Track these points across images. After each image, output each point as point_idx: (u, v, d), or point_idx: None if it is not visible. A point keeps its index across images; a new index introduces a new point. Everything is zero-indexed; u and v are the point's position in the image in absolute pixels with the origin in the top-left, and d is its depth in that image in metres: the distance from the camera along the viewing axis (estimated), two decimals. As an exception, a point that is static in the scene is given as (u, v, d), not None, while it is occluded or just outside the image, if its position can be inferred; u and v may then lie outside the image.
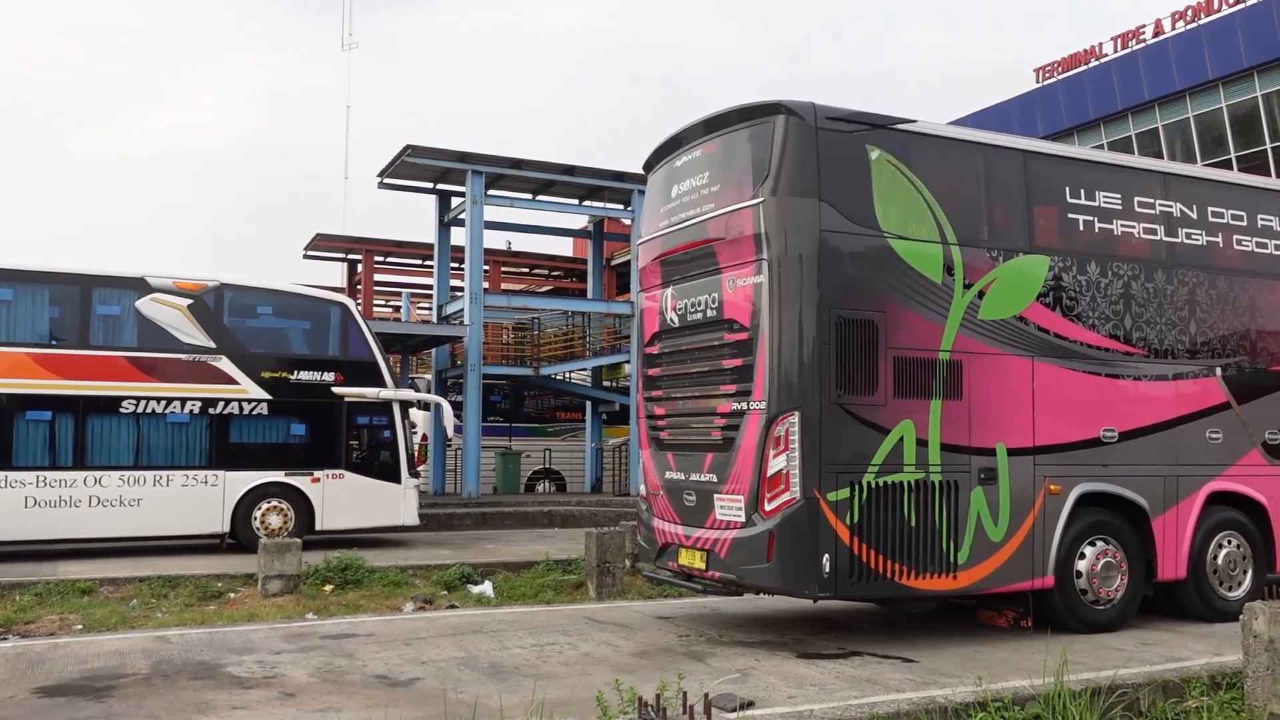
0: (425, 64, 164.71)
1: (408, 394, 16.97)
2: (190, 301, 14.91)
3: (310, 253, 31.70)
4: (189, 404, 14.79)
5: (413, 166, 22.99)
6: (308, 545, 13.48)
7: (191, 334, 14.85)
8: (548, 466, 27.08)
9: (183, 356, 14.79)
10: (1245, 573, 9.36)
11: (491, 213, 24.45)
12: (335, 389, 15.57)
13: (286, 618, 9.98)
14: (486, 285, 27.85)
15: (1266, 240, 9.77)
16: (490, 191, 23.70)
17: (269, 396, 15.18)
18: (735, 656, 7.66)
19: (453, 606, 10.98)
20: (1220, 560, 9.23)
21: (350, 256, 32.87)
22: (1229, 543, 9.29)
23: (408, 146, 22.12)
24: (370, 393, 15.77)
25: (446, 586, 12.29)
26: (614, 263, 32.79)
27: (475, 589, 12.26)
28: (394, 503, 15.93)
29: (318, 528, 15.39)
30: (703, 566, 8.23)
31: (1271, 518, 9.48)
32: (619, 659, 7.62)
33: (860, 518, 7.60)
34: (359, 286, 32.13)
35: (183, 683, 6.89)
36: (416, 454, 17.50)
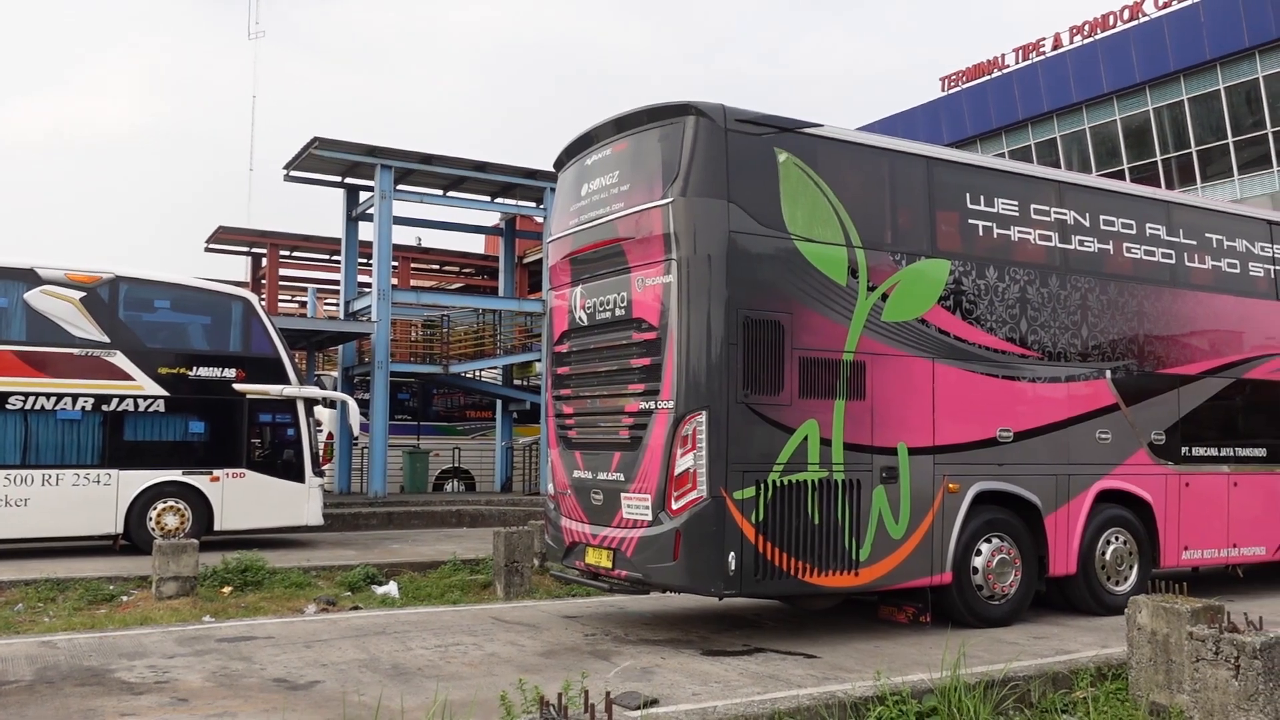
0: (333, 57, 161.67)
1: (312, 391, 16.63)
2: (83, 294, 14.39)
3: (212, 246, 30.87)
4: (81, 400, 14.28)
5: (320, 159, 22.55)
6: (207, 546, 13.15)
7: (84, 328, 14.33)
8: (457, 465, 26.80)
9: (75, 351, 14.26)
10: (1131, 568, 9.73)
11: (401, 208, 24.14)
12: (237, 386, 15.18)
13: (182, 621, 9.69)
14: (395, 282, 27.45)
15: (1154, 248, 10.17)
16: (400, 187, 23.38)
17: (166, 393, 14.73)
18: (641, 654, 7.68)
19: (356, 608, 10.80)
20: (1108, 556, 9.57)
21: (254, 250, 32.10)
22: (1116, 539, 9.64)
23: (315, 139, 21.69)
24: (273, 390, 15.42)
25: (350, 588, 12.08)
26: (526, 260, 32.63)
27: (380, 590, 12.07)
28: (297, 502, 15.59)
29: (217, 528, 14.98)
30: (609, 565, 8.23)
31: (1156, 515, 9.87)
32: (524, 659, 7.58)
33: (765, 516, 7.69)
34: (263, 281, 31.40)
35: (69, 689, 6.64)
36: (321, 453, 17.19)
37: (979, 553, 8.77)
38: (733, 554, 7.54)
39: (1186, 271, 10.40)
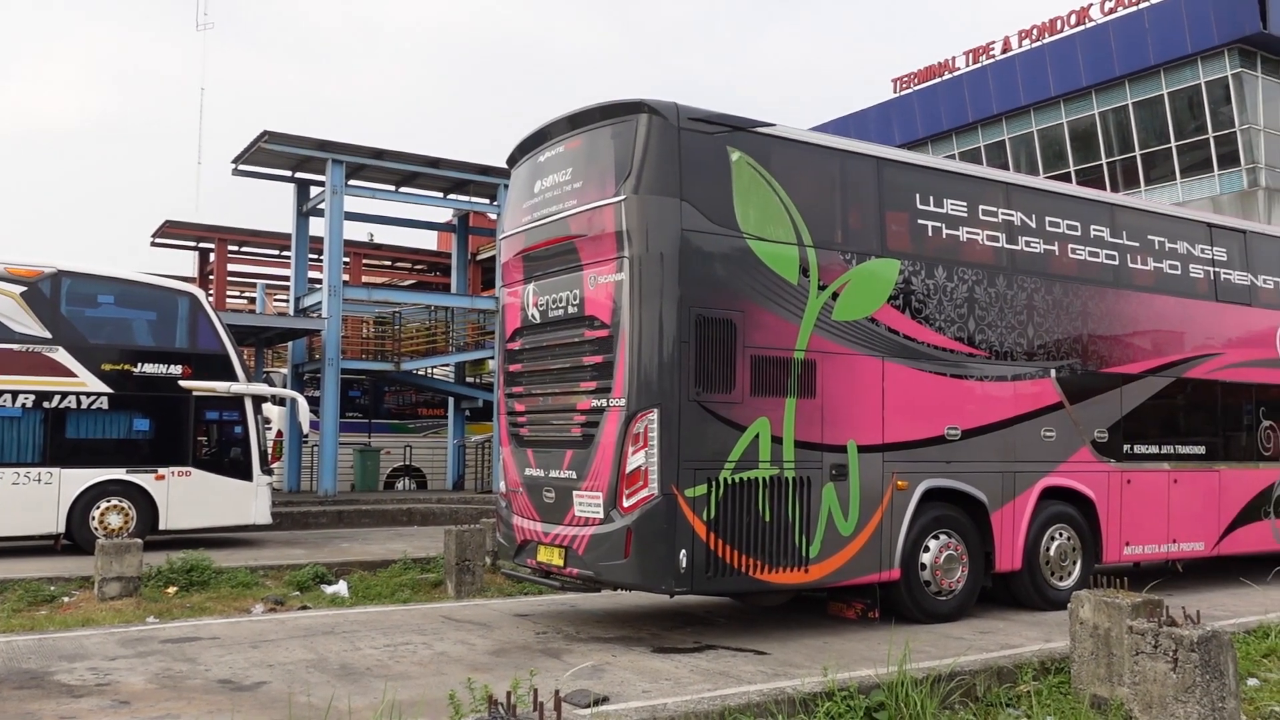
0: (284, 50, 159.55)
1: (261, 388, 16.41)
2: (24, 289, 14.08)
3: (159, 240, 30.33)
4: (21, 397, 13.97)
5: (270, 153, 22.24)
6: (151, 546, 12.93)
7: (25, 323, 14.03)
8: (408, 464, 26.60)
9: (15, 347, 13.95)
10: (1075, 563, 9.91)
11: (352, 204, 23.89)
12: (183, 383, 14.94)
13: (125, 622, 9.52)
14: (347, 278, 27.17)
15: (1098, 250, 10.36)
16: (351, 182, 23.14)
17: (109, 390, 14.46)
18: (592, 652, 7.68)
19: (305, 608, 10.67)
20: (1052, 552, 9.74)
21: (202, 245, 31.59)
22: (1060, 535, 9.81)
23: (265, 133, 21.39)
24: (220, 387, 15.20)
25: (299, 587, 11.93)
26: (479, 257, 32.45)
27: (329, 589, 11.94)
28: (245, 501, 15.38)
29: (162, 527, 14.73)
30: (561, 563, 8.22)
31: (1099, 511, 10.06)
32: (475, 658, 7.55)
33: (716, 514, 7.72)
34: (211, 276, 30.92)
35: (6, 693, 6.49)
36: (270, 450, 16.96)
37: (927, 549, 8.88)
38: (684, 551, 7.57)
39: (1129, 272, 10.60)
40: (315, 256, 25.54)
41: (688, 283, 7.77)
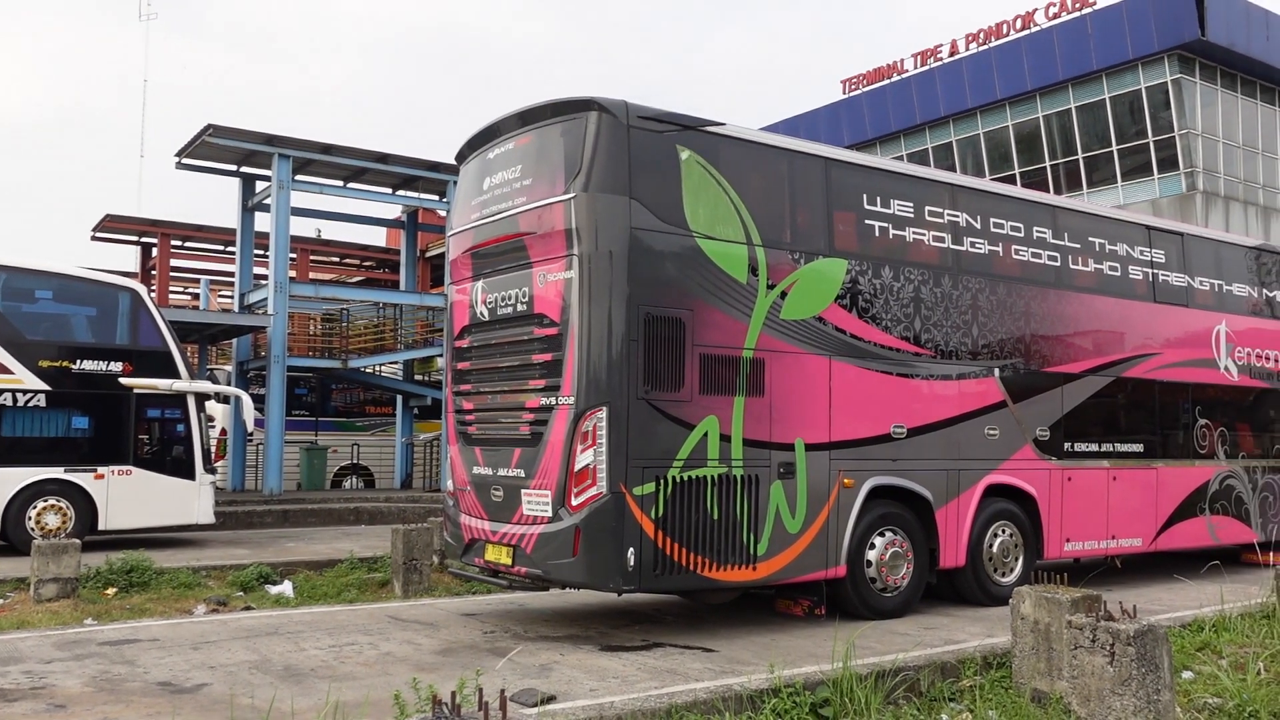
0: (230, 42, 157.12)
1: (204, 386, 16.15)
2: (-43, 283, 13.73)
3: (100, 234, 29.75)
4: (-46, 394, 13.61)
5: (214, 147, 21.90)
6: (91, 546, 12.69)
7: (-42, 319, 13.67)
8: (356, 462, 26.32)
9: (-52, 343, 13.60)
10: (1017, 559, 10.06)
11: (300, 199, 23.58)
12: (123, 380, 14.65)
13: (62, 624, 9.32)
14: (293, 274, 26.83)
15: (1041, 251, 10.53)
16: (298, 177, 22.85)
17: (47, 387, 14.14)
18: (540, 651, 7.66)
19: (248, 608, 10.52)
20: (995, 548, 9.88)
21: (145, 240, 31.04)
22: (1003, 532, 9.96)
23: (209, 126, 21.06)
24: (162, 384, 14.93)
25: (243, 587, 11.76)
26: (429, 254, 32.22)
27: (274, 589, 11.78)
28: (187, 500, 15.13)
29: (102, 527, 14.44)
30: (509, 562, 8.19)
31: (1040, 508, 10.23)
32: (421, 658, 7.49)
33: (665, 512, 7.73)
34: (154, 272, 30.39)
35: (-63, 697, 6.32)
36: (214, 449, 16.70)
37: (873, 546, 8.96)
38: (632, 550, 7.57)
39: (1071, 274, 10.79)
40: (261, 252, 25.16)
41: (637, 281, 7.77)
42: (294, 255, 28.94)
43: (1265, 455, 12.64)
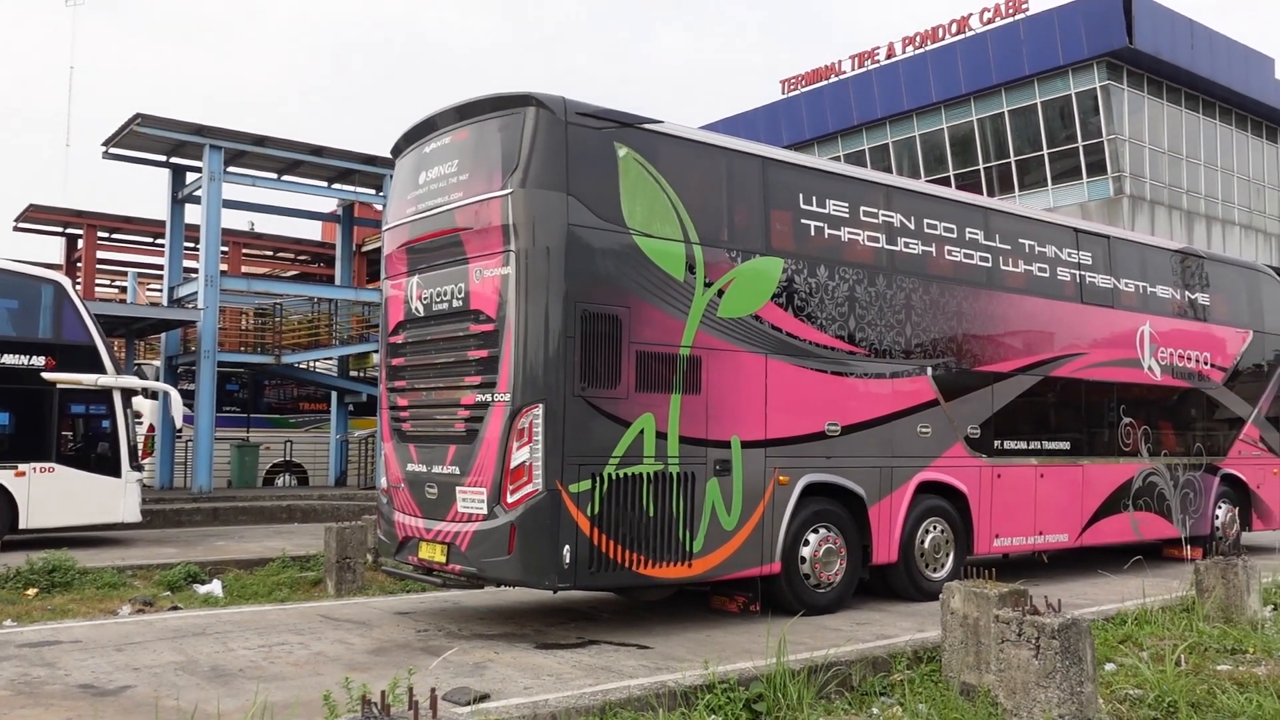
0: (160, 29, 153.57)
1: (130, 381, 15.77)
2: None
3: (22, 225, 28.87)
4: None
5: (143, 137, 21.37)
6: (11, 545, 12.36)
7: None
8: (289, 459, 25.91)
9: None
10: (948, 555, 10.23)
11: (232, 191, 23.15)
12: (46, 375, 14.25)
13: (-21, 626, 9.04)
14: (225, 268, 26.34)
15: (973, 252, 10.71)
16: (231, 169, 22.40)
17: (-35, 382, 13.70)
18: (474, 650, 7.61)
19: (176, 608, 10.30)
20: (927, 544, 10.03)
21: (70, 231, 30.21)
22: (935, 528, 10.12)
23: (137, 115, 20.55)
24: (87, 379, 14.54)
25: (170, 587, 11.51)
26: (365, 249, 31.83)
27: (202, 589, 11.55)
28: (113, 498, 14.76)
29: (23, 526, 14.04)
30: (444, 560, 8.12)
31: (971, 505, 10.41)
32: (353, 657, 7.39)
33: (601, 509, 7.73)
34: (79, 264, 29.58)
35: None
36: (141, 446, 16.33)
37: (807, 543, 9.04)
38: (568, 547, 7.55)
39: (1001, 274, 10.99)
40: (191, 245, 24.64)
41: (574, 278, 7.75)
42: (225, 248, 28.38)
43: (1186, 453, 13.01)
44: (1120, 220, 31.45)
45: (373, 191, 24.67)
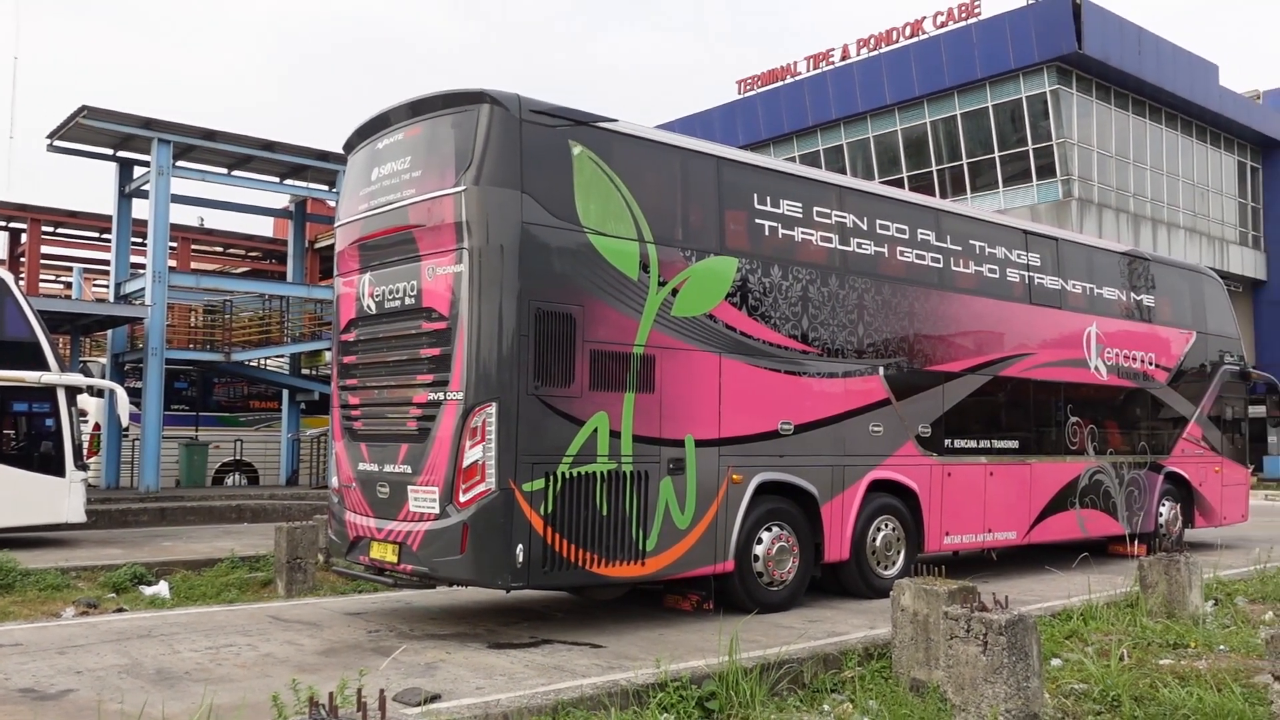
0: (107, 19, 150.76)
1: (75, 378, 15.47)
2: None
3: (-37, 219, 28.26)
4: None
5: (89, 130, 20.97)
6: (-53, 547, 12.03)
7: None
8: (239, 458, 25.55)
9: None
10: (899, 553, 10.32)
11: (181, 186, 22.79)
12: (-13, 372, 13.94)
13: (-85, 629, 8.81)
14: (174, 264, 25.92)
15: (924, 253, 10.82)
16: (180, 163, 22.05)
17: (-98, 379, 13.36)
18: (426, 650, 7.56)
19: (121, 610, 10.12)
20: (878, 542, 10.12)
21: (13, 225, 29.63)
22: (886, 526, 10.21)
23: (84, 107, 20.16)
24: (30, 377, 14.24)
25: (115, 589, 11.31)
26: (318, 245, 31.50)
27: (149, 590, 11.36)
28: (56, 498, 14.46)
29: (-38, 527, 13.72)
30: (395, 560, 8.06)
31: (922, 503, 10.52)
32: (303, 658, 7.31)
33: (554, 508, 7.71)
34: (23, 259, 28.99)
35: None
36: (86, 445, 16.02)
37: (760, 541, 9.09)
38: (521, 546, 7.53)
39: (952, 275, 11.12)
40: (139, 240, 24.22)
41: (527, 276, 7.73)
42: (174, 244, 27.95)
43: (1131, 452, 13.25)
44: (1069, 223, 31.96)
45: (326, 187, 24.41)
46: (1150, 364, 13.62)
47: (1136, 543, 12.82)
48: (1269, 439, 36.57)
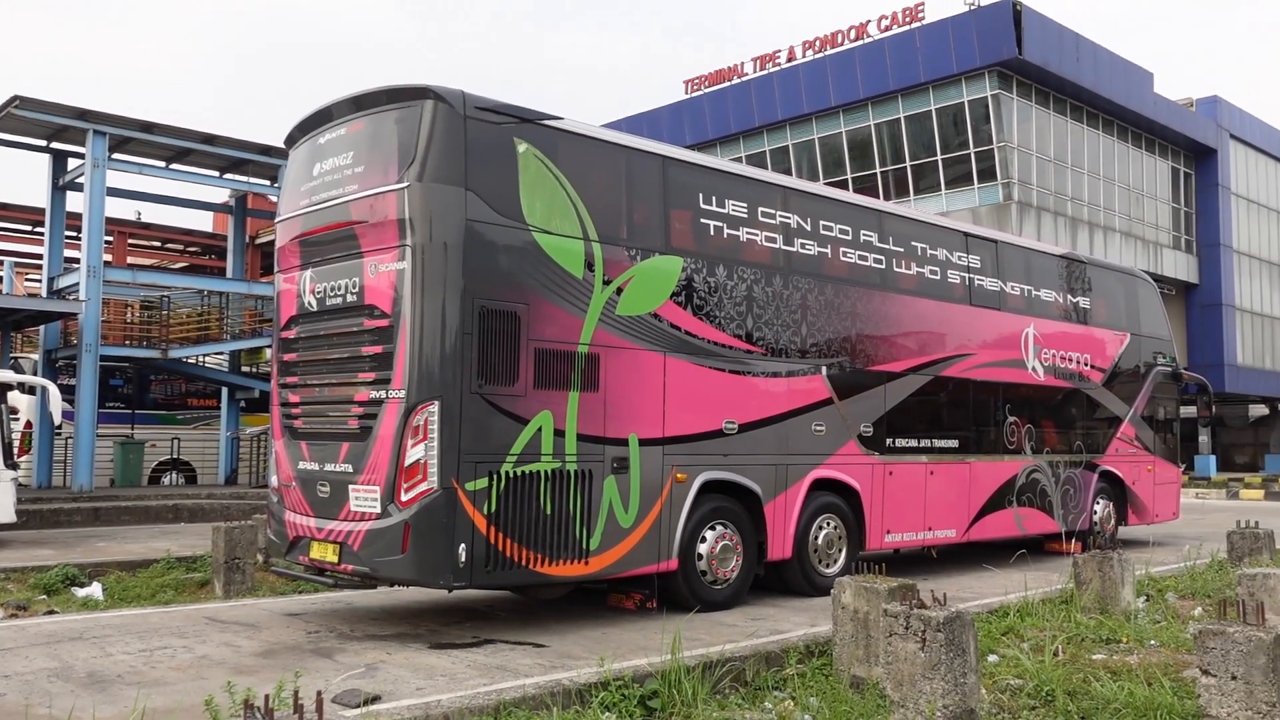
0: (40, 6, 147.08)
1: (5, 375, 15.06)
2: None
3: (-113, 210, 27.40)
4: None
5: (21, 120, 20.43)
6: None
7: None
8: (176, 457, 25.08)
9: None
10: (841, 551, 10.42)
11: (118, 179, 22.29)
12: (-89, 368, 13.53)
13: None
14: (110, 258, 25.38)
15: (867, 254, 10.94)
16: (116, 156, 21.58)
17: None
18: (366, 651, 7.47)
19: (52, 612, 9.87)
20: (820, 540, 10.21)
21: (-60, 217, 28.76)
22: (828, 524, 10.30)
23: (15, 97, 19.64)
24: (-43, 373, 13.84)
25: (46, 590, 11.03)
26: (259, 241, 31.02)
27: (81, 592, 11.09)
28: (-15, 498, 14.07)
29: (-116, 528, 13.30)
30: (335, 560, 7.96)
31: (863, 501, 10.63)
32: (239, 660, 7.19)
33: (497, 507, 7.66)
34: (-49, 252, 28.18)
35: None
36: (17, 443, 15.61)
37: (704, 539, 9.12)
38: (463, 545, 7.47)
39: (895, 276, 11.25)
40: (73, 234, 23.66)
41: (471, 274, 7.67)
42: (110, 238, 27.38)
43: (1067, 451, 13.51)
44: (1009, 225, 32.51)
45: (267, 182, 24.04)
46: (1086, 365, 13.90)
47: (1072, 540, 13.08)
48: (1199, 438, 37.50)
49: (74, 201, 22.75)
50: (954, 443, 11.86)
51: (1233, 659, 5.32)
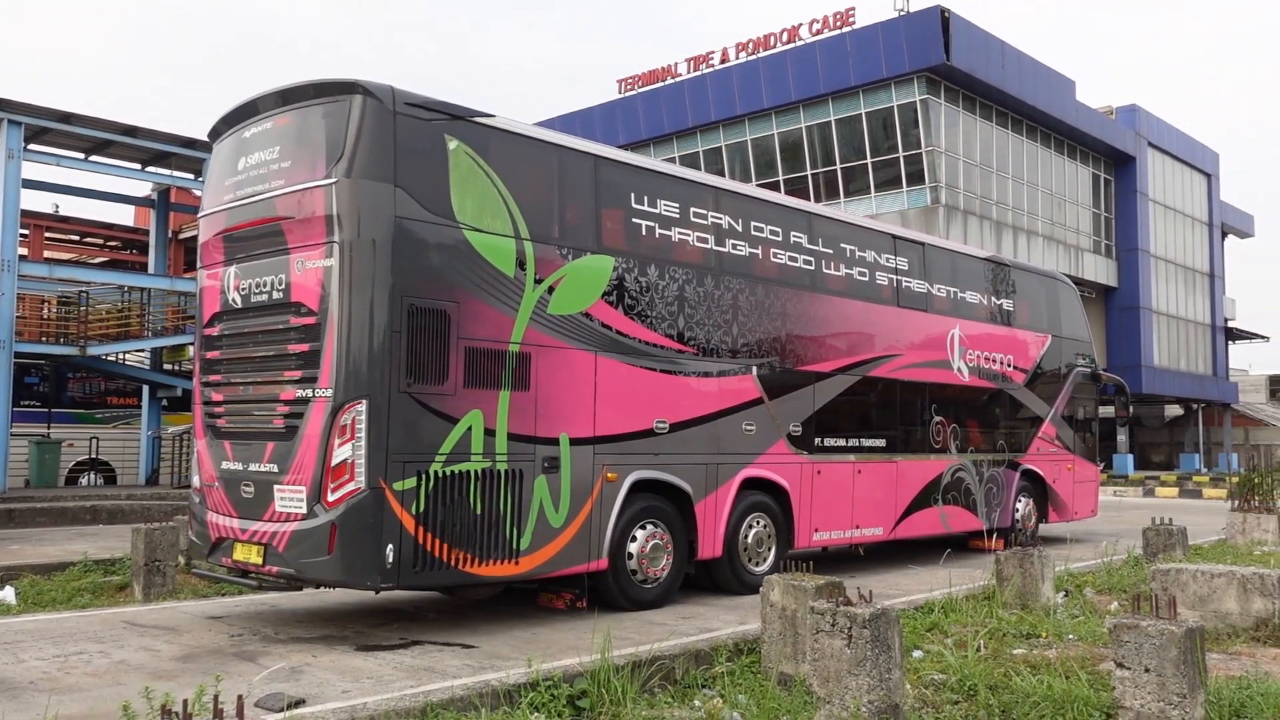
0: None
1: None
2: None
3: None
4: None
5: (-69, 109, 19.71)
6: None
7: None
8: (94, 457, 24.39)
9: None
10: (770, 549, 10.51)
11: (34, 171, 21.61)
12: None
13: None
14: (25, 252, 24.59)
15: (797, 255, 11.05)
16: (32, 146, 20.90)
17: None
18: (291, 654, 7.35)
19: (-40, 617, 9.54)
20: (750, 539, 10.29)
21: None
22: (758, 523, 10.39)
23: (-76, 84, 18.95)
24: None
25: (-45, 595, 10.65)
26: (182, 236, 30.34)
27: (-8, 596, 10.74)
28: (-111, 499, 13.55)
29: None
30: (260, 561, 7.81)
31: (792, 500, 10.73)
32: (159, 665, 7.02)
33: (426, 507, 7.59)
34: None
35: None
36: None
37: (634, 539, 9.13)
38: (391, 546, 7.39)
39: (824, 277, 11.38)
40: (-13, 226, 22.86)
41: (400, 271, 7.59)
42: (25, 231, 26.53)
43: (991, 450, 13.80)
44: (936, 228, 33.09)
45: (191, 176, 23.49)
46: (1009, 365, 14.20)
47: (995, 537, 13.36)
48: (1117, 438, 38.56)
49: (-13, 193, 21.99)
50: (881, 442, 12.04)
51: (1146, 652, 5.48)
